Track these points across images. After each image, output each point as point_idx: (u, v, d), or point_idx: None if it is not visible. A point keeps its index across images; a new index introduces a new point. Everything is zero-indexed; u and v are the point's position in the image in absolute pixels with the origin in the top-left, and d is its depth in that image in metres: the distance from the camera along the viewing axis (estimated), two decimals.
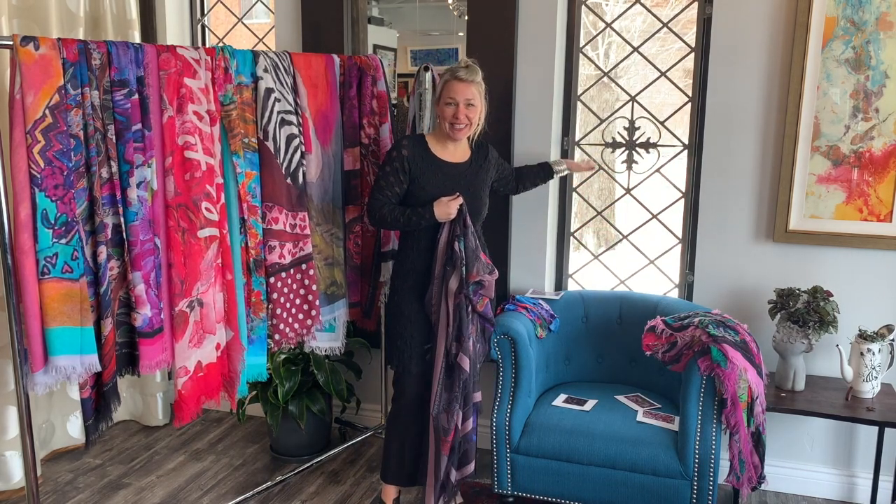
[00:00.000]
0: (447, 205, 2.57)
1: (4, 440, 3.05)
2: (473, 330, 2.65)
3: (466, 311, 2.61)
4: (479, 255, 2.62)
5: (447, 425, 2.64)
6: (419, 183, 2.62)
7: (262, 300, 2.64)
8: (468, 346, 2.62)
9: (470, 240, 2.60)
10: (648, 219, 3.33)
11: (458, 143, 2.71)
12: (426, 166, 2.64)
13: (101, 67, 2.15)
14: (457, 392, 2.64)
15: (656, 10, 3.38)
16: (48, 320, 2.06)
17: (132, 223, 2.23)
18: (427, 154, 2.66)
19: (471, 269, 2.60)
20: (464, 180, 2.68)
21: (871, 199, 2.89)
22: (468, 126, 2.63)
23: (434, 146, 2.69)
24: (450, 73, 2.61)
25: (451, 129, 2.61)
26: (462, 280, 2.59)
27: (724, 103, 3.00)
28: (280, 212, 2.64)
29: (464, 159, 2.73)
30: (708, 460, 2.57)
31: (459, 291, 2.60)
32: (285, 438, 3.39)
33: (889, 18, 2.77)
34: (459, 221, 2.60)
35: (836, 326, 2.78)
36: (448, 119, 2.60)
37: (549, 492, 2.76)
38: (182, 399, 2.40)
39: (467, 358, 2.62)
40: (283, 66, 2.65)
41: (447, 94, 2.60)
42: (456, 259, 2.59)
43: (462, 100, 2.58)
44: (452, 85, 2.59)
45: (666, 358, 2.72)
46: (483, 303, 2.66)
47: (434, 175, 2.64)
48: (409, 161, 2.62)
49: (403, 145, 2.65)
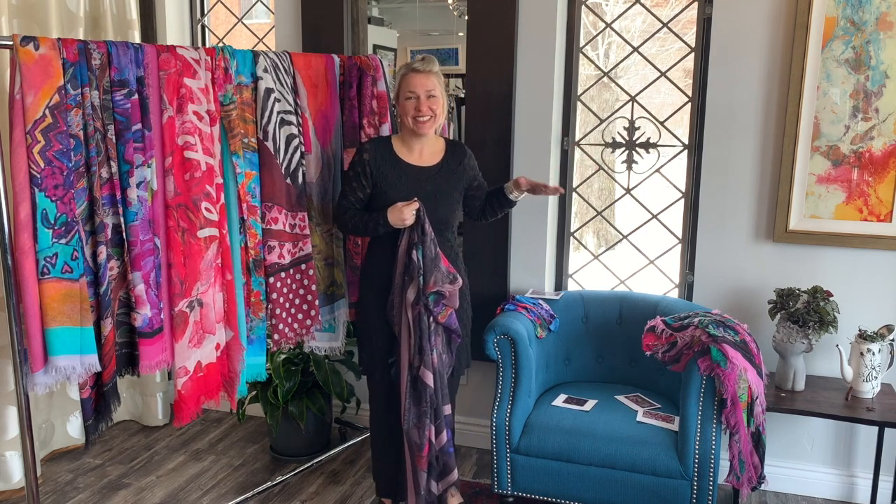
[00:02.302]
0: (401, 210, 2.45)
1: (4, 440, 3.05)
2: (438, 341, 2.54)
3: (427, 323, 2.49)
4: (438, 264, 2.49)
5: (419, 440, 2.54)
6: (381, 187, 2.54)
7: (261, 300, 2.64)
8: (430, 358, 2.50)
9: (429, 248, 2.47)
10: (648, 219, 3.33)
11: (426, 144, 2.60)
12: (389, 170, 2.55)
13: (101, 67, 2.15)
14: (425, 406, 2.53)
15: (656, 11, 3.38)
16: (48, 320, 2.07)
17: (132, 223, 2.23)
18: (391, 157, 2.57)
19: (428, 280, 2.47)
20: (430, 184, 2.57)
21: (871, 199, 2.89)
22: (433, 118, 2.52)
23: (399, 148, 2.59)
24: (405, 67, 2.53)
25: (414, 123, 2.51)
26: (419, 290, 2.48)
27: (724, 103, 3.00)
28: (280, 212, 2.64)
29: (433, 162, 2.61)
30: (708, 460, 2.57)
31: (417, 302, 2.49)
32: (285, 438, 3.39)
33: (889, 18, 2.77)
34: (417, 228, 2.47)
35: (835, 326, 2.78)
36: (410, 114, 2.50)
37: (549, 492, 2.76)
38: (182, 399, 2.40)
39: (430, 371, 2.50)
40: (283, 66, 2.65)
41: (406, 89, 2.50)
42: (413, 268, 2.47)
43: (422, 91, 2.48)
44: (410, 78, 2.50)
45: (666, 358, 2.72)
46: (446, 313, 2.53)
47: (397, 179, 2.54)
48: (370, 165, 2.54)
49: (366, 149, 2.57)
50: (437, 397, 2.54)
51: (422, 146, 2.60)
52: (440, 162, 2.62)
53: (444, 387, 2.57)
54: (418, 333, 2.50)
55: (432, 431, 2.55)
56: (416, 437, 2.54)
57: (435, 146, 2.64)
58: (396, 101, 2.56)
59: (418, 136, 2.56)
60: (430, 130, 2.56)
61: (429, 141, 2.61)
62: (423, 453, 2.54)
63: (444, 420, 2.58)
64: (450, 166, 2.63)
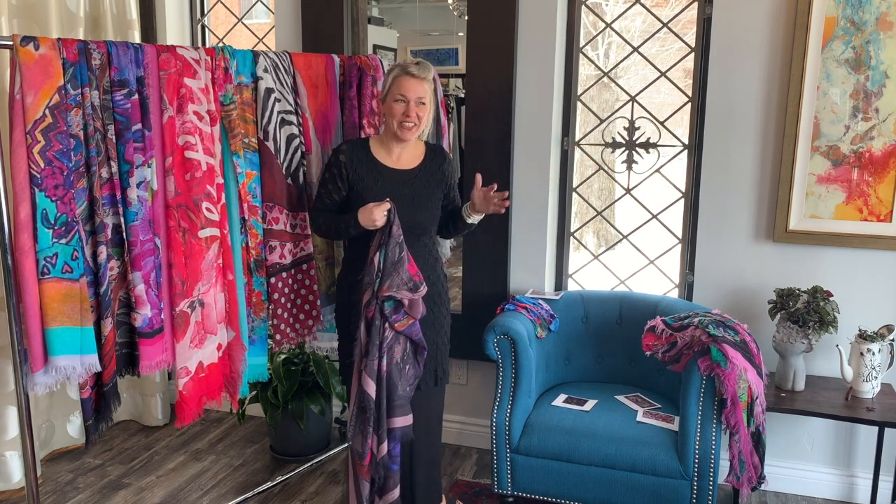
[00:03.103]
0: (371, 211, 2.36)
1: (4, 440, 3.05)
2: (398, 350, 2.40)
3: (381, 329, 2.36)
4: (399, 269, 2.36)
5: (361, 448, 2.42)
6: (357, 190, 2.47)
7: (262, 300, 2.64)
8: (374, 365, 2.36)
9: (392, 251, 2.36)
10: (648, 219, 3.33)
11: (404, 147, 2.53)
12: (365, 172, 2.48)
13: (101, 67, 2.15)
14: (368, 414, 2.38)
15: (656, 11, 3.38)
16: (48, 320, 2.06)
17: (132, 223, 2.23)
18: (367, 159, 2.50)
19: (383, 283, 2.35)
20: (408, 188, 2.49)
21: (871, 199, 2.89)
22: (417, 126, 2.45)
23: (377, 150, 2.53)
24: (400, 68, 2.44)
25: (399, 127, 2.43)
26: (373, 294, 2.36)
27: (724, 103, 3.00)
28: (280, 212, 2.64)
29: (411, 165, 2.54)
30: (708, 460, 2.57)
31: (369, 305, 2.37)
32: (285, 438, 3.39)
33: (889, 18, 2.77)
34: (385, 230, 2.37)
35: (835, 326, 2.78)
36: (397, 117, 2.42)
37: (549, 492, 2.76)
38: (183, 399, 2.40)
39: (371, 380, 2.36)
40: (283, 66, 2.65)
41: (397, 90, 2.42)
42: (372, 271, 2.37)
43: (413, 97, 2.41)
44: (403, 80, 2.41)
45: (666, 358, 2.72)
46: (406, 322, 2.39)
47: (374, 182, 2.47)
48: (346, 167, 2.47)
49: (342, 150, 2.51)
50: (381, 407, 2.39)
51: (401, 149, 2.53)
52: (419, 165, 2.55)
53: (398, 398, 2.41)
54: (367, 339, 2.38)
55: (374, 441, 2.42)
56: (358, 445, 2.43)
57: (415, 150, 2.58)
58: (383, 100, 2.48)
59: (399, 140, 2.49)
60: (413, 137, 2.49)
61: (409, 144, 2.55)
62: (363, 462, 2.43)
63: (394, 433, 2.43)
64: (429, 170, 2.56)
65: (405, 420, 2.45)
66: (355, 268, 2.47)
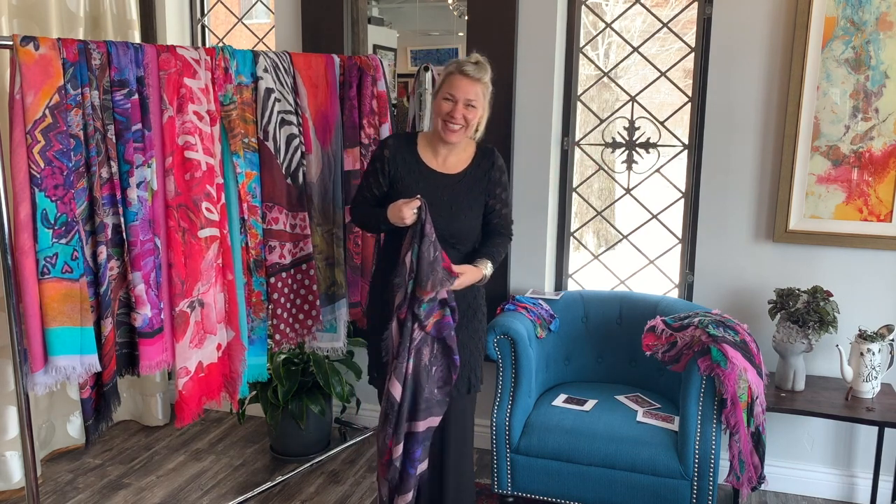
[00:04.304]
0: (400, 209, 2.24)
1: (4, 440, 3.05)
2: (427, 353, 2.31)
3: (410, 330, 2.27)
4: (435, 268, 2.24)
5: (382, 446, 2.37)
6: (397, 188, 2.37)
7: (262, 300, 2.64)
8: (402, 368, 2.28)
9: (427, 251, 2.23)
10: (648, 219, 3.33)
11: (452, 149, 2.40)
12: (408, 170, 2.38)
13: (101, 67, 2.15)
14: (391, 415, 2.31)
15: (656, 11, 3.38)
16: (48, 320, 2.07)
17: (132, 223, 2.23)
18: (412, 157, 2.40)
19: (423, 284, 2.22)
20: (447, 194, 2.36)
21: (871, 199, 2.89)
22: (463, 129, 2.32)
23: (423, 149, 2.41)
24: (456, 65, 2.31)
25: (443, 127, 2.31)
26: (406, 296, 2.26)
27: (724, 103, 3.00)
28: (280, 212, 2.64)
29: (456, 170, 2.41)
30: (708, 460, 2.57)
31: (401, 307, 2.28)
32: (285, 438, 3.39)
33: (889, 18, 2.77)
34: (417, 228, 2.24)
35: (835, 326, 2.78)
36: (442, 115, 2.31)
37: (549, 492, 2.76)
38: (183, 399, 2.40)
39: (397, 382, 2.29)
40: (283, 66, 2.65)
41: (447, 89, 2.30)
42: (404, 272, 2.26)
43: (462, 98, 2.28)
44: (455, 79, 2.30)
45: (666, 358, 2.72)
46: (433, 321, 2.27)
47: (414, 183, 2.36)
48: (389, 163, 2.38)
49: (387, 145, 2.41)
50: (402, 410, 2.31)
51: (448, 151, 2.40)
52: (464, 171, 2.41)
53: (423, 401, 2.32)
54: (399, 339, 2.30)
55: (392, 442, 2.35)
56: (381, 442, 2.39)
57: (464, 152, 2.43)
58: (434, 96, 2.36)
59: (444, 142, 2.36)
60: (458, 140, 2.35)
61: (457, 146, 2.40)
62: (383, 459, 2.39)
63: (416, 436, 2.34)
64: (473, 176, 2.41)
65: (428, 423, 2.35)
66: (389, 268, 2.38)
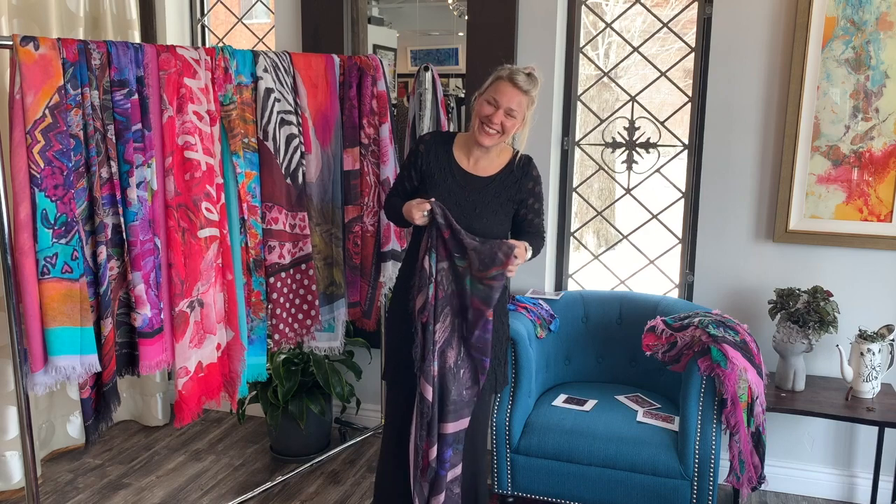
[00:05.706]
0: (411, 209, 2.27)
1: (4, 440, 3.05)
2: (452, 354, 2.33)
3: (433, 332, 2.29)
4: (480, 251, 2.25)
5: (417, 448, 2.38)
6: (427, 185, 2.38)
7: (261, 300, 2.64)
8: (430, 370, 2.30)
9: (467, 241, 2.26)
10: (648, 219, 3.33)
11: (485, 152, 2.38)
12: (438, 168, 2.39)
13: (100, 67, 2.15)
14: (425, 418, 2.34)
15: (656, 10, 3.39)
16: (48, 320, 2.06)
17: (132, 223, 2.23)
18: (446, 155, 2.40)
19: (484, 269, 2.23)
20: (473, 195, 2.36)
21: (871, 199, 2.89)
22: (499, 135, 2.30)
23: (458, 148, 2.42)
24: (508, 72, 2.30)
25: (479, 129, 2.30)
26: (426, 300, 2.28)
27: (724, 103, 3.00)
28: (280, 212, 2.64)
29: (486, 173, 2.40)
30: (708, 460, 2.57)
31: (423, 311, 2.29)
32: (285, 438, 3.39)
33: (889, 18, 2.77)
34: (432, 231, 2.26)
35: (836, 326, 2.78)
36: (481, 117, 2.30)
37: (549, 492, 2.76)
38: (183, 399, 2.40)
39: (429, 385, 2.30)
40: (283, 66, 2.65)
41: (492, 93, 2.29)
42: (424, 276, 2.28)
43: (505, 105, 2.27)
44: (503, 86, 2.28)
45: (666, 358, 2.72)
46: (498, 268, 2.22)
47: (443, 180, 2.37)
48: (423, 158, 2.40)
49: (424, 140, 2.45)
50: (434, 412, 2.33)
51: (481, 154, 2.39)
52: (494, 175, 2.40)
53: (451, 403, 2.33)
54: (422, 343, 2.32)
55: (427, 444, 2.37)
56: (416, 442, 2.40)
57: (498, 158, 2.42)
58: (479, 94, 2.35)
59: (479, 144, 2.35)
60: (490, 144, 2.33)
61: (491, 151, 2.39)
62: (422, 464, 2.40)
63: (446, 438, 2.35)
64: (504, 183, 2.40)
65: (457, 425, 2.36)
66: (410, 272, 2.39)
